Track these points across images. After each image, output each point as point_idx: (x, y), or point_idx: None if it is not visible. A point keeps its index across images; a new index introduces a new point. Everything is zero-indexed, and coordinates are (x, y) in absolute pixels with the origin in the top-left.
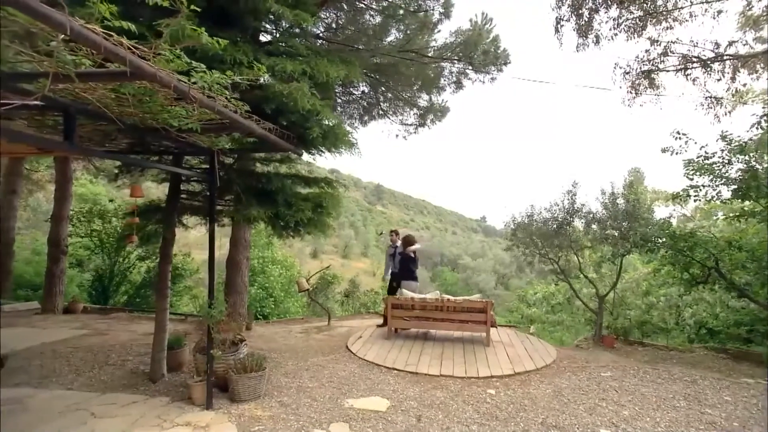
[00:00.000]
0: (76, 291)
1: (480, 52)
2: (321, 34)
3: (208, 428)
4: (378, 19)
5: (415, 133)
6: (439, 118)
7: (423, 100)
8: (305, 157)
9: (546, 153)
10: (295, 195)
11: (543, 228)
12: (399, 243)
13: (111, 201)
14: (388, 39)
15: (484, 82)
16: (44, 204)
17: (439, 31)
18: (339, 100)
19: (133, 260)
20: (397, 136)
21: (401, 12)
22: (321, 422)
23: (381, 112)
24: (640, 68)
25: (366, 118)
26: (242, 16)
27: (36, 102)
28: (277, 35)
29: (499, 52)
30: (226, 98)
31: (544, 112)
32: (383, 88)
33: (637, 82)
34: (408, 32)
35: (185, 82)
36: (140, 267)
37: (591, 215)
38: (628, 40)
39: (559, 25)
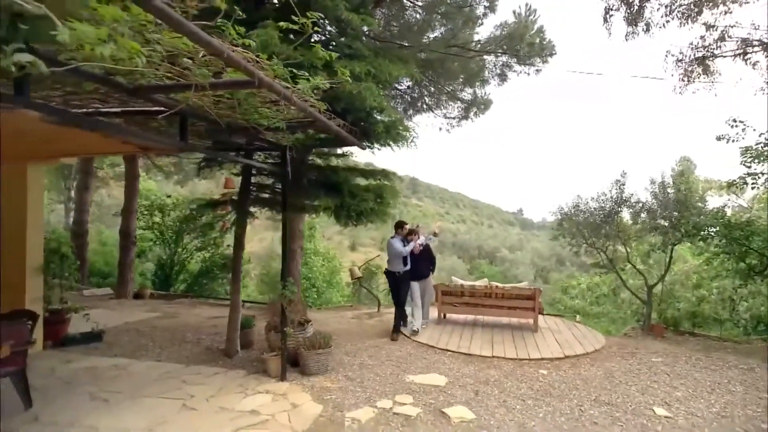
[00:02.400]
0: (140, 279)
1: (525, 44)
2: (368, 33)
3: (285, 395)
4: (422, 15)
5: (458, 126)
6: (483, 111)
7: (466, 93)
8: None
9: (589, 144)
10: (357, 186)
11: (590, 218)
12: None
13: (169, 196)
14: (433, 35)
15: (528, 74)
16: (106, 199)
17: (481, 24)
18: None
19: (191, 251)
20: (440, 129)
21: (446, 8)
22: (386, 393)
23: (425, 106)
24: (694, 55)
25: (410, 112)
26: (319, 25)
27: (160, 108)
28: (342, 39)
29: (544, 43)
30: (314, 100)
31: (588, 104)
32: (427, 83)
33: (689, 69)
34: (453, 27)
35: (289, 87)
36: (198, 257)
37: (640, 205)
38: (681, 26)
39: (608, 15)
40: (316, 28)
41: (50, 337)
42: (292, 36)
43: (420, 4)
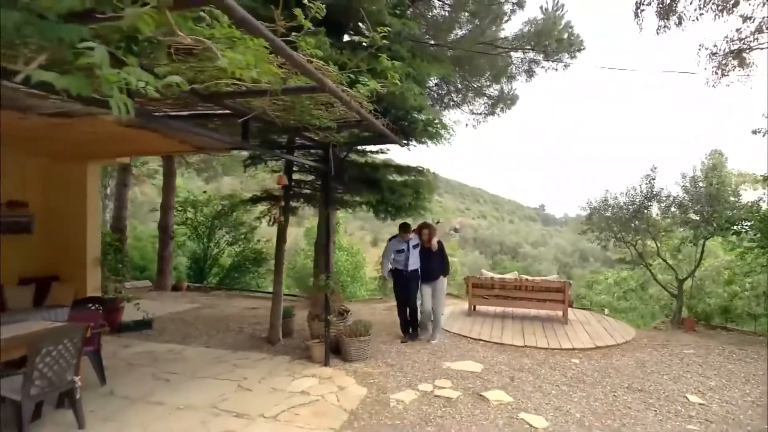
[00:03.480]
0: (174, 272)
1: (553, 40)
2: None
3: (331, 379)
4: (450, 13)
5: (484, 121)
6: (509, 107)
7: (493, 89)
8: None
9: (614, 141)
10: (395, 182)
11: (619, 213)
12: (412, 236)
13: (204, 192)
14: (460, 32)
15: (557, 69)
16: (139, 196)
17: (508, 20)
18: None
19: (223, 245)
20: (466, 125)
21: (474, 6)
22: (425, 378)
23: (453, 102)
24: (729, 48)
25: (437, 108)
26: (354, 27)
27: (225, 111)
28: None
29: (572, 39)
30: (365, 102)
31: (613, 100)
32: (454, 79)
33: (724, 62)
34: (481, 24)
35: (347, 90)
36: (229, 251)
37: (671, 199)
38: (715, 19)
39: (639, 10)
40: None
41: (107, 324)
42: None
43: (449, 2)
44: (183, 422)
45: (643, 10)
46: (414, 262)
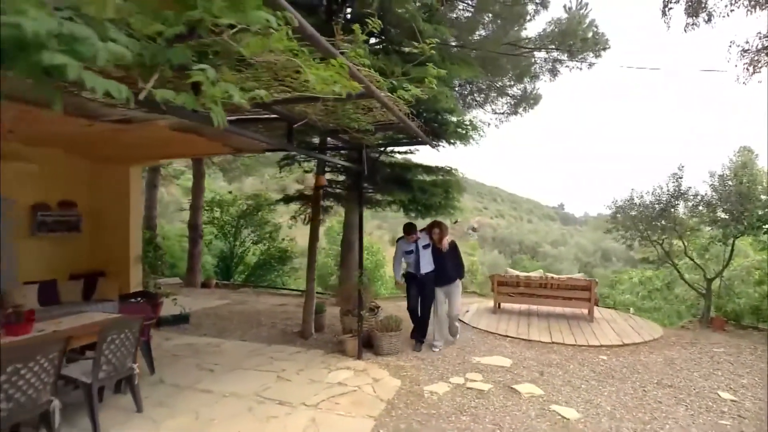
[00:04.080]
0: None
1: (578, 39)
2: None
3: (366, 371)
4: (473, 14)
5: (506, 121)
6: (532, 106)
7: (516, 89)
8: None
9: (638, 140)
10: (425, 182)
11: (645, 211)
12: (421, 235)
13: (230, 192)
14: (483, 32)
15: (581, 68)
16: (165, 196)
17: (531, 20)
18: None
19: (248, 244)
20: (488, 124)
21: (499, 6)
22: (456, 372)
23: (475, 102)
24: (762, 44)
25: (460, 108)
26: (392, 34)
27: (272, 116)
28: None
29: (597, 38)
30: (403, 105)
31: (637, 100)
32: (477, 79)
33: (756, 58)
34: (504, 25)
35: (390, 95)
36: (254, 250)
37: (699, 198)
38: (748, 14)
39: (667, 8)
40: (378, 37)
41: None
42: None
43: (472, 3)
44: (230, 408)
45: (671, 8)
46: (427, 264)
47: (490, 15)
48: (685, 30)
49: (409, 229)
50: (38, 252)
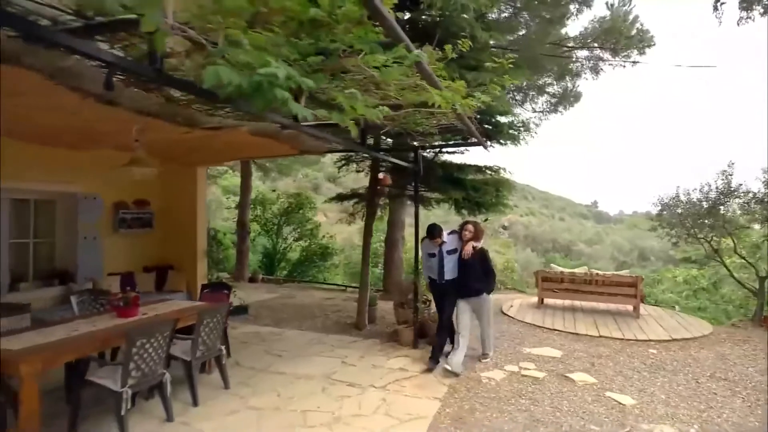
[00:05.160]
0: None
1: (623, 37)
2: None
3: (422, 359)
4: (513, 13)
5: (545, 119)
6: (572, 104)
7: (556, 87)
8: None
9: (676, 137)
10: (477, 180)
11: (692, 209)
12: (446, 238)
13: (273, 191)
14: (523, 32)
15: (624, 66)
16: (207, 195)
17: (574, 19)
18: None
19: (290, 241)
20: (528, 123)
21: (542, 7)
22: (509, 361)
23: (515, 101)
24: None
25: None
26: (445, 39)
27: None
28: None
29: (642, 35)
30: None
31: (679, 95)
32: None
33: None
34: (546, 24)
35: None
36: (296, 246)
37: (750, 195)
38: None
39: (719, 3)
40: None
41: None
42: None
43: (515, 4)
44: (305, 388)
45: (723, 2)
46: (451, 270)
47: (530, 14)
48: (738, 24)
49: (432, 232)
50: (119, 246)
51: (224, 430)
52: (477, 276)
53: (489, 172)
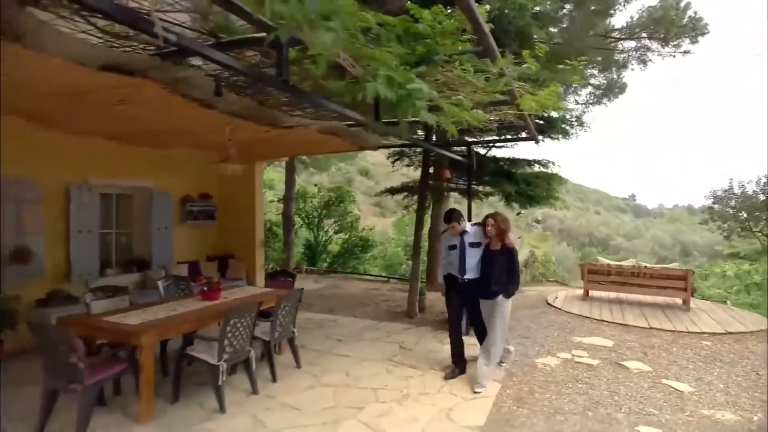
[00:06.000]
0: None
1: (673, 26)
2: None
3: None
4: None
5: (588, 111)
6: (616, 95)
7: (600, 78)
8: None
9: (723, 129)
10: (529, 174)
11: (747, 202)
12: (469, 228)
13: (315, 185)
14: (564, 24)
15: (674, 55)
16: None
17: (622, 9)
18: None
19: (331, 233)
20: (571, 115)
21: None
22: (561, 349)
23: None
24: None
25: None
26: (502, 38)
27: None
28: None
29: (695, 23)
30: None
31: (726, 86)
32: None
33: None
34: (593, 16)
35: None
36: (336, 239)
37: None
38: None
39: None
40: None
41: None
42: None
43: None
44: (371, 369)
45: None
46: (473, 268)
47: (575, 5)
48: None
49: (450, 216)
50: (185, 237)
51: (305, 403)
52: (497, 275)
53: (538, 165)
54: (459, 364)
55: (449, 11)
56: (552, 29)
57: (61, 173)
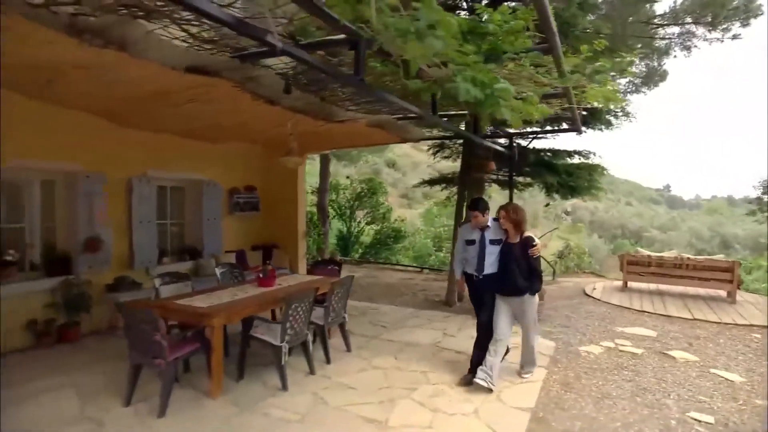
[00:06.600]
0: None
1: (723, 9)
2: None
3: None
4: None
5: (625, 101)
6: (657, 84)
7: (642, 66)
8: None
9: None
10: (570, 165)
11: None
12: (491, 223)
13: (347, 177)
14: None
15: (722, 40)
16: None
17: None
18: None
19: (363, 225)
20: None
21: None
22: (603, 338)
23: (594, 81)
24: None
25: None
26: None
27: (459, 111)
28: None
29: (748, 4)
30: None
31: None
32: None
33: None
34: (636, 2)
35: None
36: (368, 230)
37: None
38: None
39: None
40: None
41: None
42: None
43: None
44: (418, 353)
45: None
46: (492, 264)
47: None
48: None
49: (477, 204)
50: (233, 227)
51: (360, 383)
52: (521, 271)
53: (578, 156)
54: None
55: (512, 11)
56: (591, 16)
57: (125, 167)
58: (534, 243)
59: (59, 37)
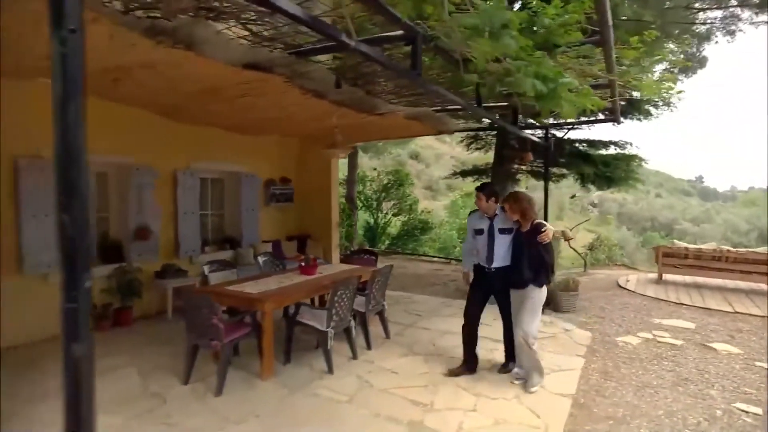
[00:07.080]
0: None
1: None
2: None
3: (552, 323)
4: None
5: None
6: (695, 71)
7: (677, 53)
8: None
9: None
10: (607, 156)
11: None
12: (500, 212)
13: (374, 169)
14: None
15: None
16: None
17: None
18: None
19: (390, 216)
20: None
21: None
22: (640, 329)
23: (624, 68)
24: None
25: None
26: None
27: (500, 103)
28: None
29: None
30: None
31: None
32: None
33: None
34: None
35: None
36: (395, 221)
37: None
38: None
39: None
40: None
41: None
42: None
43: None
44: (455, 341)
45: None
46: (502, 256)
47: None
48: None
49: (485, 189)
50: (269, 218)
51: (402, 368)
52: (532, 261)
53: (614, 147)
54: (469, 363)
55: (564, 3)
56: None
57: (171, 160)
58: (543, 228)
59: (141, 40)
